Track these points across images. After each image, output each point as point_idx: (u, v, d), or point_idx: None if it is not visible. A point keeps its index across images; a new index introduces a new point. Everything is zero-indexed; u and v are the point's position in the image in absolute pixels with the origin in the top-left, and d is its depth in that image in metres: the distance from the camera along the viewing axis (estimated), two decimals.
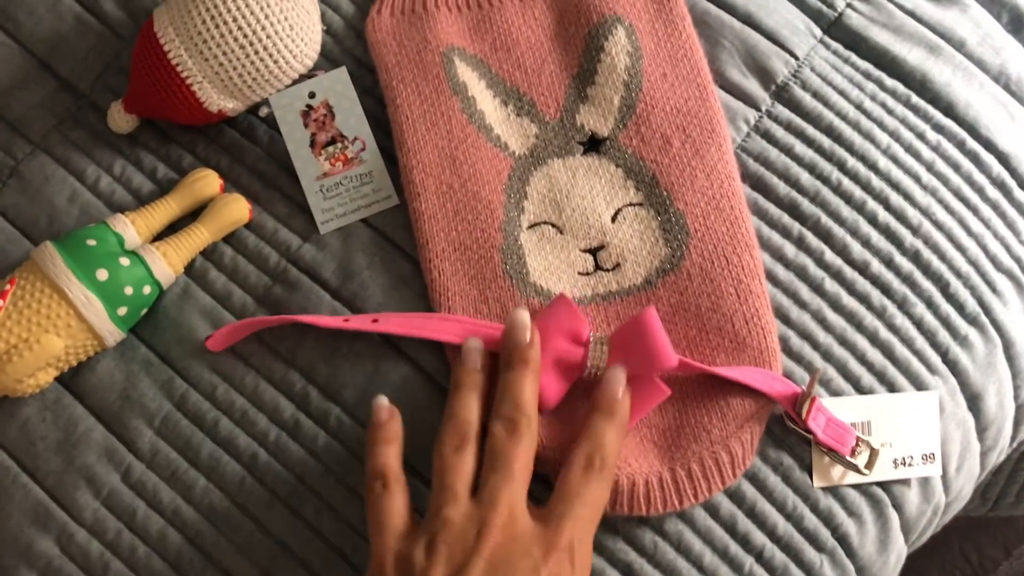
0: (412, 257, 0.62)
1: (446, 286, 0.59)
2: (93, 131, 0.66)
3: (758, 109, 0.65)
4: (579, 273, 0.61)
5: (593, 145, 0.63)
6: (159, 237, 0.62)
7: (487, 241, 0.60)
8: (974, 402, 0.62)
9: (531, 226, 0.61)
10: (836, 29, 0.68)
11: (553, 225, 0.61)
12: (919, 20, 0.68)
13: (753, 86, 0.66)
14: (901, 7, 0.69)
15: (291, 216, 0.63)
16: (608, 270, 0.60)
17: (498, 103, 0.64)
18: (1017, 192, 0.66)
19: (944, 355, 0.61)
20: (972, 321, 0.62)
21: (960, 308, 0.62)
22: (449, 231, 0.61)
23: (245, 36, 0.59)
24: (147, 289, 0.58)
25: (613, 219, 0.61)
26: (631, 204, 0.62)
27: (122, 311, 0.57)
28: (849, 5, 0.69)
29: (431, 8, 0.66)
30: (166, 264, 0.59)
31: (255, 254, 0.62)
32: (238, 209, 0.62)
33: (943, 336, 0.61)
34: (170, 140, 0.66)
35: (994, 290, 0.63)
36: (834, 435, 0.57)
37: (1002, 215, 0.65)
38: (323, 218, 0.62)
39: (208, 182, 0.62)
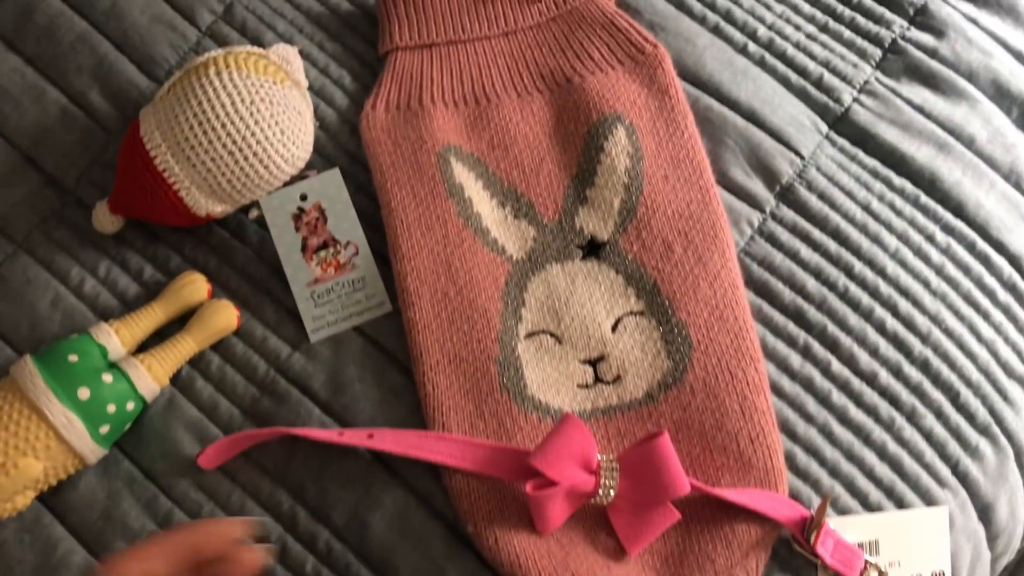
0: (406, 368, 0.60)
1: (440, 401, 0.58)
2: (77, 230, 0.65)
3: (762, 211, 0.64)
4: (578, 385, 0.59)
5: (593, 249, 0.62)
6: (144, 344, 0.60)
7: (483, 352, 0.59)
8: (985, 513, 0.61)
9: (529, 335, 0.60)
10: (843, 124, 0.67)
11: (552, 334, 0.60)
12: (928, 116, 0.67)
13: (757, 187, 0.65)
14: (909, 102, 0.67)
15: (281, 323, 0.62)
16: (608, 383, 0.59)
17: (495, 204, 0.63)
18: None
19: (954, 467, 0.60)
20: (983, 431, 0.61)
21: (971, 418, 0.61)
22: (444, 342, 0.59)
23: (234, 142, 0.57)
24: (130, 405, 0.57)
25: (613, 328, 0.60)
26: (632, 313, 0.60)
27: (104, 429, 0.56)
28: (856, 100, 0.67)
29: (427, 104, 0.65)
30: (150, 378, 0.57)
31: (243, 363, 0.61)
32: (226, 317, 0.60)
33: (953, 448, 0.60)
34: (157, 239, 0.65)
35: (1006, 398, 0.62)
36: (842, 559, 0.55)
37: (1014, 319, 0.64)
38: (314, 326, 0.61)
39: (195, 288, 0.61)
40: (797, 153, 0.66)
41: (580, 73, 0.66)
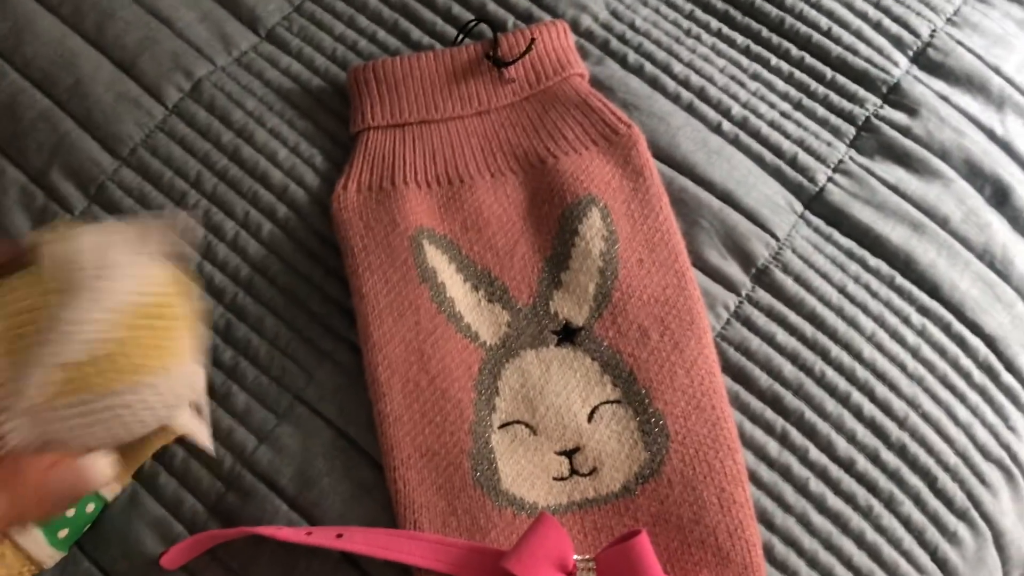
0: (376, 462, 0.59)
1: (412, 498, 0.57)
2: None
3: (738, 294, 0.64)
4: (554, 478, 0.58)
5: (568, 335, 0.61)
6: None
7: (456, 446, 0.58)
8: None
9: (503, 426, 0.59)
10: (818, 204, 0.68)
11: (526, 425, 0.59)
12: (902, 195, 0.68)
13: (733, 269, 0.65)
14: (884, 181, 0.68)
15: (248, 412, 0.61)
16: (585, 475, 0.58)
17: (469, 288, 0.62)
18: (1005, 376, 0.65)
19: (933, 554, 0.60)
20: (961, 516, 0.61)
21: (949, 503, 0.61)
22: (415, 435, 0.58)
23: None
24: (90, 507, 0.56)
25: (589, 418, 0.59)
26: (608, 401, 0.60)
27: (63, 533, 0.55)
28: (831, 179, 0.68)
29: (399, 185, 0.65)
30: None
31: (208, 456, 0.59)
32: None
33: (932, 534, 0.60)
34: None
35: (983, 482, 0.62)
36: None
37: (990, 401, 0.64)
38: None
39: None
40: (772, 235, 0.66)
41: (554, 154, 0.66)
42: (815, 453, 0.60)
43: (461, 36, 0.71)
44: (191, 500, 0.59)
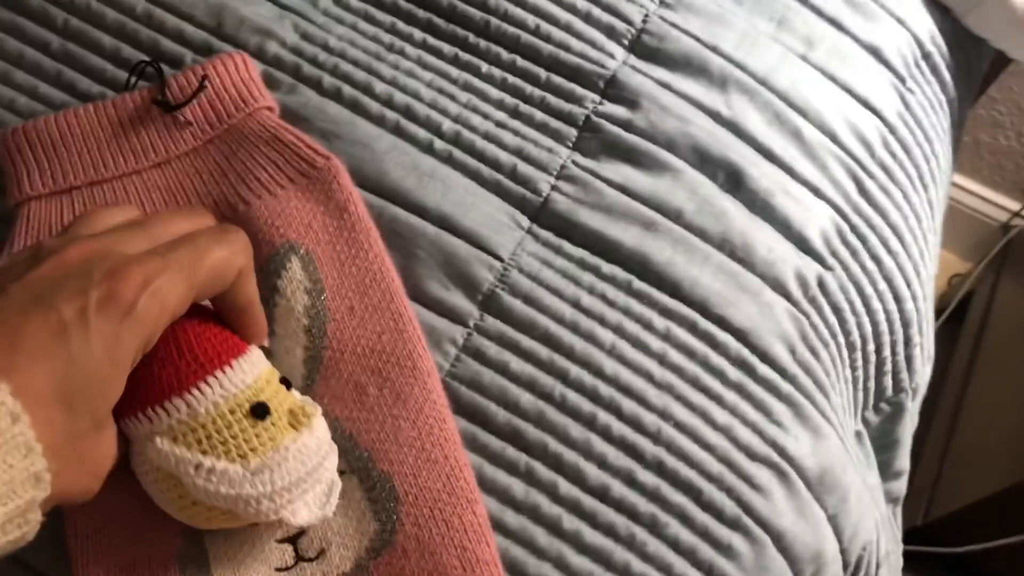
0: None
1: None
2: None
3: (466, 326, 0.60)
4: (277, 569, 0.52)
5: None
6: None
7: (162, 550, 0.51)
8: None
9: None
10: (544, 216, 0.64)
11: None
12: (631, 195, 0.64)
13: (458, 299, 0.60)
14: (610, 182, 0.65)
15: None
16: (311, 559, 0.53)
17: None
18: (761, 368, 0.62)
19: (708, 573, 0.57)
20: (734, 526, 0.58)
21: (718, 515, 0.58)
22: (112, 547, 0.51)
23: None
24: None
25: None
26: None
27: None
28: (554, 188, 0.64)
29: None
30: None
31: None
32: None
33: (704, 552, 0.57)
34: None
35: (752, 485, 0.59)
36: None
37: (748, 397, 0.61)
38: None
39: None
40: (496, 256, 0.61)
41: (245, 199, 0.60)
42: (565, 486, 0.57)
43: (133, 80, 0.64)
44: None
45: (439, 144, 0.65)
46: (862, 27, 0.75)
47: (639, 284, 0.62)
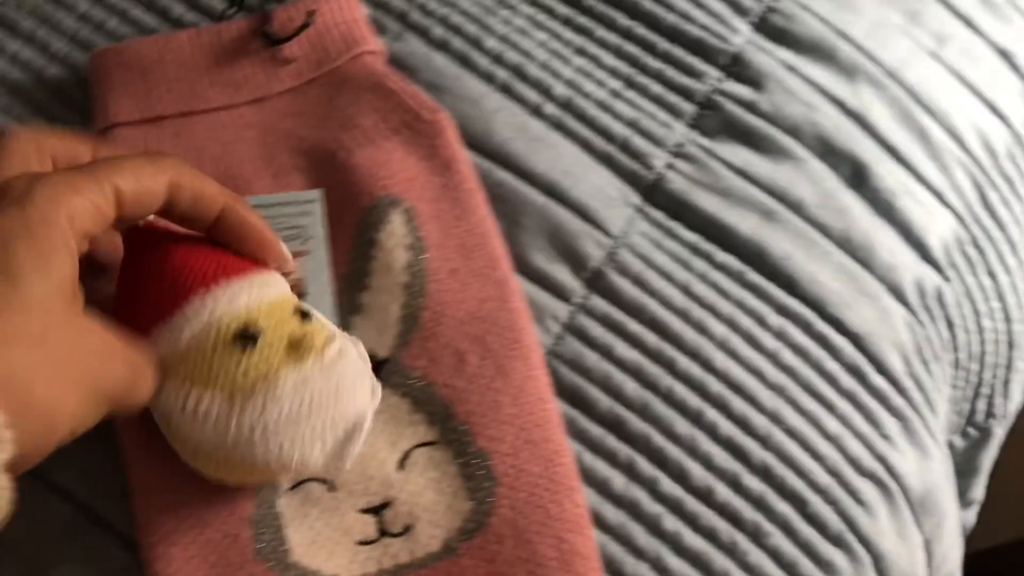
0: (130, 540, 0.48)
1: None
2: None
3: (570, 303, 0.56)
4: (358, 543, 0.49)
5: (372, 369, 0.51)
6: None
7: (234, 513, 0.48)
8: None
9: (293, 486, 0.49)
10: (656, 194, 0.60)
11: (322, 481, 0.49)
12: (750, 180, 0.61)
13: (563, 274, 0.56)
14: (729, 164, 0.61)
15: None
16: (397, 535, 0.49)
17: None
18: (874, 378, 0.59)
19: None
20: (836, 542, 0.55)
21: (822, 529, 0.54)
22: (180, 504, 0.47)
23: None
24: None
25: (400, 465, 0.50)
26: (423, 444, 0.51)
27: None
28: (669, 165, 0.60)
29: None
30: None
31: None
32: None
33: (804, 566, 0.53)
34: None
35: (858, 500, 0.56)
36: None
37: (859, 407, 0.58)
38: None
39: None
40: (605, 231, 0.58)
41: (346, 147, 0.56)
42: (667, 484, 0.53)
43: (235, 8, 0.60)
44: None
45: (549, 108, 0.61)
46: (995, 28, 0.72)
47: (754, 276, 0.58)
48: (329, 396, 0.43)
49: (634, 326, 0.56)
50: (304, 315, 0.45)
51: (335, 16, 0.59)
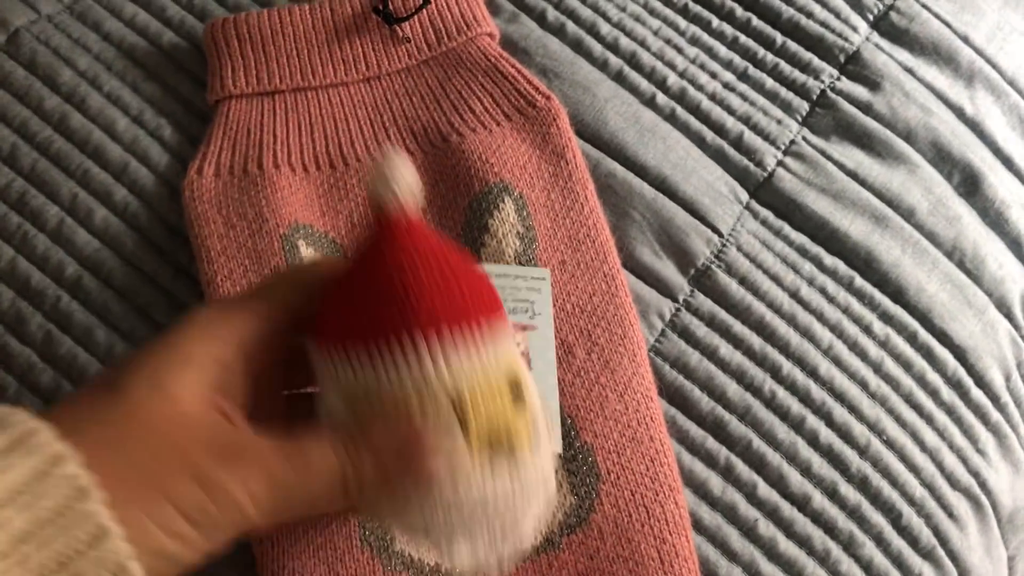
0: None
1: (282, 563, 0.47)
2: None
3: (675, 300, 0.56)
4: None
5: None
6: None
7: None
8: None
9: None
10: (766, 192, 0.59)
11: None
12: (862, 183, 0.60)
13: (669, 271, 0.56)
14: (842, 166, 0.60)
15: None
16: None
17: None
18: (974, 392, 0.58)
19: None
20: (926, 556, 0.55)
21: (913, 542, 0.54)
22: None
23: None
24: None
25: None
26: None
27: None
28: (781, 163, 0.60)
29: (268, 168, 0.54)
30: None
31: None
32: None
33: None
34: None
35: (951, 515, 0.56)
36: None
37: (958, 421, 0.57)
38: None
39: None
40: (714, 229, 0.57)
41: (459, 130, 0.56)
42: (764, 489, 0.53)
43: None
44: None
45: (662, 99, 0.61)
46: None
47: (861, 282, 0.58)
48: (503, 503, 0.36)
49: (739, 328, 0.56)
50: (517, 394, 0.37)
51: None
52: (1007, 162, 0.63)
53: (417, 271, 0.35)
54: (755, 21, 0.64)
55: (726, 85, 0.62)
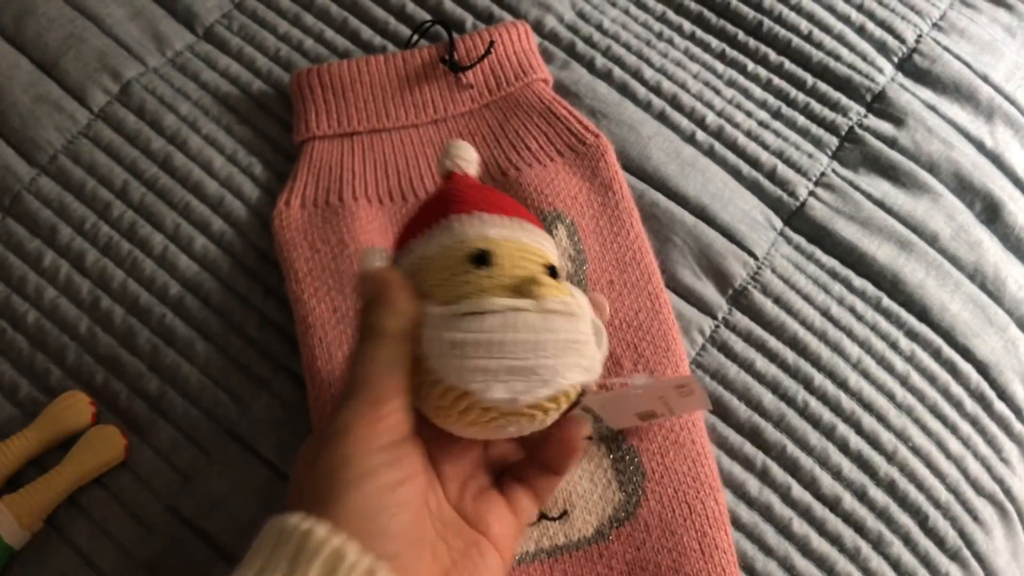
0: None
1: None
2: None
3: (714, 317, 0.60)
4: None
5: None
6: (19, 478, 0.53)
7: None
8: None
9: None
10: (798, 220, 0.63)
11: None
12: (889, 211, 0.64)
13: (709, 291, 0.60)
14: (869, 196, 0.64)
15: (175, 449, 0.55)
16: (554, 519, 0.53)
17: None
18: (997, 404, 0.61)
19: None
20: (953, 556, 0.57)
21: (940, 543, 0.57)
22: None
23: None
24: None
25: None
26: None
27: None
28: (812, 193, 0.64)
29: (348, 200, 0.59)
30: (17, 523, 0.50)
31: (130, 499, 0.54)
32: (111, 447, 0.53)
33: None
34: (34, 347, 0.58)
35: (976, 519, 0.58)
36: None
37: (982, 431, 0.60)
38: None
39: (77, 410, 0.54)
40: (750, 253, 0.61)
41: (516, 165, 0.61)
42: (798, 491, 0.56)
43: (416, 37, 0.66)
44: (110, 549, 0.53)
45: (701, 136, 0.65)
46: None
47: (888, 302, 0.62)
48: (531, 338, 0.40)
49: (774, 343, 0.59)
50: (553, 272, 0.43)
51: (511, 46, 0.64)
52: None
53: (467, 187, 0.45)
54: (787, 64, 0.68)
55: (761, 123, 0.66)
